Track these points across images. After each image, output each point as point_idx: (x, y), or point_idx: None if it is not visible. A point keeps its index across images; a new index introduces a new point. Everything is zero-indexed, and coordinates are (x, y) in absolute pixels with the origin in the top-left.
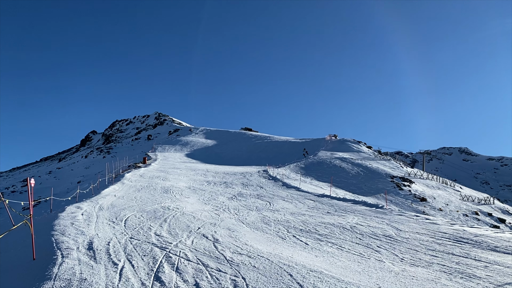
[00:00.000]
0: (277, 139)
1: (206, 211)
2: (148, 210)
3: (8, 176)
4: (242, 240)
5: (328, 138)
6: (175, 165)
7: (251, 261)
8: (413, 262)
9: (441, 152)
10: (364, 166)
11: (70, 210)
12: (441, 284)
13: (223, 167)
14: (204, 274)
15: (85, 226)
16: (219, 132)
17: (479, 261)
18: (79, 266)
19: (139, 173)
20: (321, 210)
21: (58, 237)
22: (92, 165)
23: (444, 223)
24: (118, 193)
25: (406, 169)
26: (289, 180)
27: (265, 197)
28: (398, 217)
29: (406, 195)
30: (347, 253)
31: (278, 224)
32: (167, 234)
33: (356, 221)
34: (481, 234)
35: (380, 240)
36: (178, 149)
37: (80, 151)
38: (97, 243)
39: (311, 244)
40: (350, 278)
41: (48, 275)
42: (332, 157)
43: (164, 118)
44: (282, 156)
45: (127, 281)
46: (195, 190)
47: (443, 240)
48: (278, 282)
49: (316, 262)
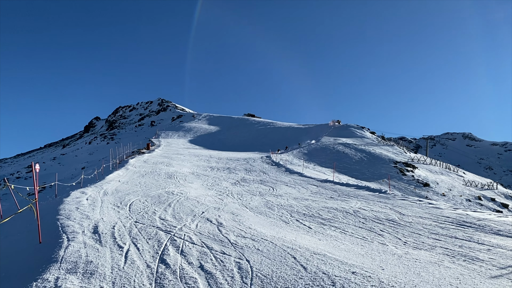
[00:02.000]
0: (280, 125)
1: (209, 196)
2: (153, 195)
3: (12, 162)
4: (245, 224)
5: (331, 124)
6: (178, 151)
7: (255, 244)
8: (416, 246)
9: (445, 137)
10: (367, 151)
11: (75, 195)
12: (444, 266)
13: (226, 153)
14: (208, 257)
15: (90, 211)
16: (222, 118)
17: (482, 245)
18: (85, 249)
19: (143, 159)
20: (324, 195)
21: (63, 221)
22: (96, 151)
23: (447, 208)
24: (122, 179)
25: (409, 154)
26: (292, 165)
27: (268, 183)
28: (401, 202)
29: (409, 181)
30: (350, 237)
31: (282, 208)
32: (171, 218)
33: (359, 205)
34: (484, 218)
35: (383, 224)
36: (181, 135)
37: (84, 137)
38: (102, 227)
39: (314, 228)
40: (353, 260)
41: (55, 258)
42: (336, 142)
43: (167, 105)
44: (285, 142)
45: (132, 263)
46: (199, 176)
47: (446, 224)
48: (282, 265)
49: (319, 245)
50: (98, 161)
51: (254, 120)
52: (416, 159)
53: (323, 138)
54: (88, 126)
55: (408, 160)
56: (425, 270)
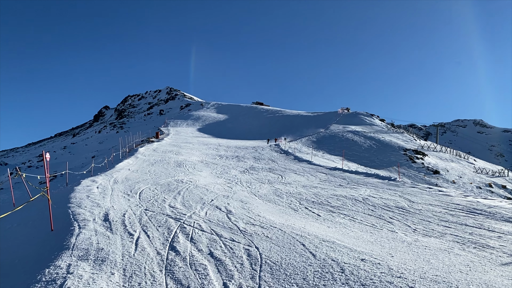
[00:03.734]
0: (288, 113)
1: (218, 184)
2: (162, 183)
3: (24, 151)
4: (254, 211)
5: (340, 111)
6: (187, 140)
7: (264, 231)
8: (426, 233)
9: (455, 124)
10: (376, 139)
11: (85, 183)
12: (454, 253)
13: (235, 141)
14: (218, 244)
15: (100, 199)
16: (230, 107)
17: (493, 232)
18: (96, 237)
19: (152, 148)
20: (333, 183)
21: (74, 209)
22: (105, 140)
23: (457, 195)
24: (132, 167)
25: (419, 142)
26: (301, 153)
27: (277, 171)
28: (410, 189)
29: (419, 168)
30: (359, 224)
31: (290, 196)
32: (181, 206)
33: (369, 193)
34: (495, 206)
35: (392, 212)
36: (190, 123)
37: (93, 126)
38: (112, 214)
39: (323, 216)
40: (362, 248)
41: (66, 245)
42: (345, 130)
43: (175, 93)
44: (294, 130)
45: (143, 250)
46: (208, 164)
47: (456, 212)
48: (291, 252)
49: (328, 233)
50: (108, 150)
51: (262, 108)
52: (426, 146)
53: (332, 126)
54: (98, 115)
55: (418, 148)
56: (434, 257)
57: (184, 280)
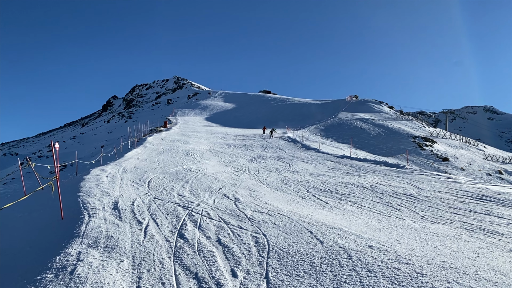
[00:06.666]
0: (296, 101)
1: (226, 172)
2: (171, 172)
3: (34, 141)
4: (262, 199)
5: (348, 99)
6: (195, 129)
7: (271, 219)
8: (434, 220)
9: (465, 111)
10: (385, 126)
11: (95, 172)
12: (462, 240)
13: (243, 130)
14: (226, 231)
15: (109, 188)
16: (238, 95)
17: (502, 218)
18: (105, 225)
19: (160, 137)
20: (341, 171)
21: (84, 198)
22: (114, 130)
23: (466, 182)
24: (140, 156)
25: (428, 129)
26: (309, 142)
27: (284, 159)
28: (419, 177)
29: (428, 155)
30: (367, 211)
31: (298, 184)
32: (189, 194)
33: (377, 180)
34: (505, 192)
35: (400, 199)
36: (198, 113)
37: (102, 116)
38: (121, 203)
39: (331, 203)
40: (370, 234)
41: (76, 233)
42: (353, 118)
43: (183, 82)
44: (302, 118)
45: (151, 238)
46: (216, 153)
47: (465, 198)
48: (299, 239)
49: (336, 220)
50: (117, 139)
51: (270, 96)
52: (435, 133)
53: (340, 114)
54: (106, 105)
55: (427, 135)
56: (442, 243)
57: (192, 267)
